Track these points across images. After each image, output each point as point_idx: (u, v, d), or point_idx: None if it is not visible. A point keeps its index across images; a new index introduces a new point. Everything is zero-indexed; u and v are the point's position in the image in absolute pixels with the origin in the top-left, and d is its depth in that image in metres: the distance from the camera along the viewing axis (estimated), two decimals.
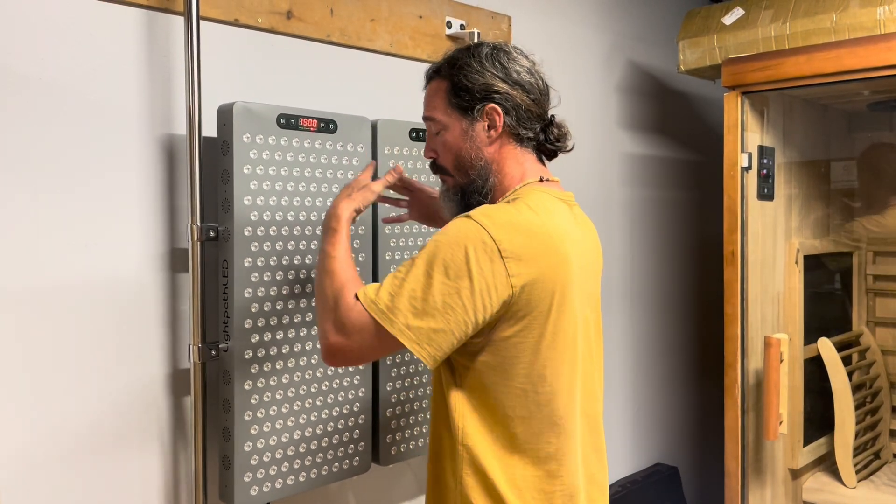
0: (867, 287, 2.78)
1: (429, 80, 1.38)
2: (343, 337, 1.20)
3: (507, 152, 1.32)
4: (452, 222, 1.21)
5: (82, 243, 1.49)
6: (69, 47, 1.47)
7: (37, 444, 1.44)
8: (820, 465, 2.59)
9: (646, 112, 2.91)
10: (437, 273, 1.15)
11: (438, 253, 1.16)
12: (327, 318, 1.23)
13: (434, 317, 1.15)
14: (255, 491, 1.58)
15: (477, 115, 1.30)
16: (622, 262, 2.81)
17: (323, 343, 1.23)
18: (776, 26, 2.19)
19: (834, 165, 2.77)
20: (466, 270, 1.15)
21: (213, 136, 1.59)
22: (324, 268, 1.28)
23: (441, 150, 1.35)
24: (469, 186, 1.32)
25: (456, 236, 1.17)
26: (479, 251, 1.15)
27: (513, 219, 1.20)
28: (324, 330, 1.23)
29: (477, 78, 1.29)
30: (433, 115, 1.35)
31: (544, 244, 1.21)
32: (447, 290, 1.15)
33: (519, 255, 1.17)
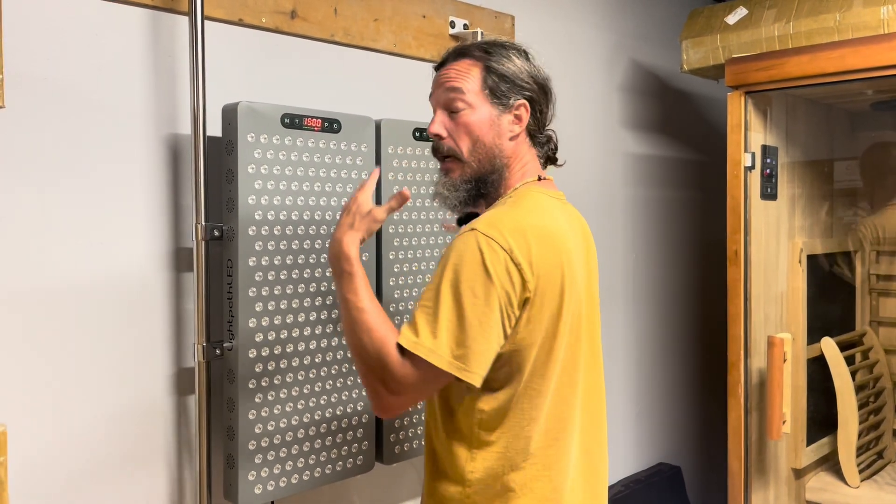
0: (870, 287, 2.78)
1: (455, 58, 1.31)
2: (399, 395, 1.17)
3: (521, 150, 1.32)
4: (461, 239, 1.19)
5: (87, 243, 1.50)
6: (74, 47, 1.47)
7: (40, 443, 1.45)
8: (823, 465, 2.58)
9: (648, 112, 2.91)
10: (465, 296, 1.15)
11: (460, 275, 1.16)
12: (375, 378, 1.19)
13: (476, 339, 1.15)
14: (260, 489, 1.58)
15: (508, 106, 1.28)
16: (625, 261, 2.81)
17: (376, 403, 1.20)
18: (780, 26, 2.19)
19: (837, 165, 2.77)
20: (491, 285, 1.15)
21: (217, 136, 1.60)
22: (355, 321, 1.21)
23: (458, 131, 1.28)
24: (486, 178, 1.29)
25: (472, 254, 1.16)
26: (496, 263, 1.16)
27: (518, 224, 1.20)
28: (375, 391, 1.19)
29: (515, 71, 1.29)
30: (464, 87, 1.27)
31: (550, 246, 1.22)
32: (479, 309, 1.15)
33: (530, 260, 1.18)
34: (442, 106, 1.30)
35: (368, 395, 1.21)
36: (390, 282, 1.81)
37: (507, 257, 1.16)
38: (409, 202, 1.38)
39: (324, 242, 1.67)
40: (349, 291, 1.22)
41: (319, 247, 1.67)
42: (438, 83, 1.32)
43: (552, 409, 1.25)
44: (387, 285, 1.80)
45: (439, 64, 1.35)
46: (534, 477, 1.24)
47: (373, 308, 1.21)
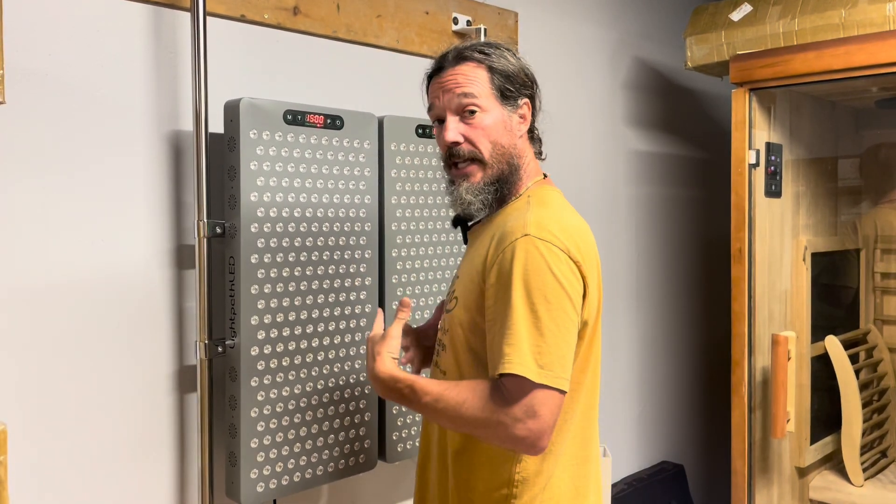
0: (874, 285, 2.77)
1: (456, 61, 1.30)
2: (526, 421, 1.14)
3: (527, 147, 1.34)
4: (520, 247, 1.18)
5: (89, 240, 1.49)
6: (75, 43, 1.47)
7: (43, 440, 1.44)
8: (826, 464, 2.58)
9: (652, 109, 2.90)
10: (539, 305, 1.15)
11: (529, 285, 1.16)
12: (503, 428, 1.15)
13: (558, 345, 1.15)
14: (262, 487, 1.57)
15: (516, 105, 1.30)
16: (628, 259, 2.80)
17: (523, 446, 1.16)
18: (784, 22, 2.17)
19: (841, 162, 2.75)
20: (560, 287, 1.17)
21: (219, 133, 1.59)
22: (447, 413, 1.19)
23: (476, 135, 1.27)
24: (506, 178, 1.30)
25: (535, 260, 1.17)
26: (560, 264, 1.17)
27: (562, 223, 1.22)
28: (514, 437, 1.15)
29: (518, 70, 1.31)
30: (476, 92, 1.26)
31: (587, 242, 1.26)
32: (555, 313, 1.16)
33: (581, 257, 1.21)
34: (454, 111, 1.28)
35: (515, 445, 1.17)
36: (393, 279, 1.80)
37: (566, 257, 1.18)
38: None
39: (326, 240, 1.67)
40: (421, 398, 1.21)
41: (322, 244, 1.66)
42: (445, 89, 1.29)
43: (583, 401, 1.28)
44: (389, 283, 1.79)
45: (436, 69, 1.33)
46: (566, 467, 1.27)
47: (446, 389, 1.20)
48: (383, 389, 1.26)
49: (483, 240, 1.29)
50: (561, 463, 1.26)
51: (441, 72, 1.31)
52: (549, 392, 1.14)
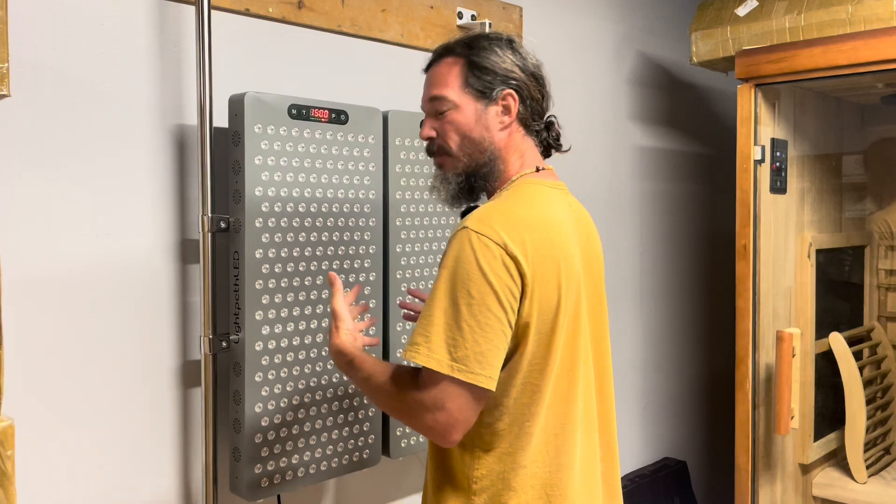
0: (879, 282, 2.76)
1: (439, 57, 1.32)
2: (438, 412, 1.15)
3: (514, 140, 1.31)
4: (455, 239, 1.18)
5: (92, 234, 1.49)
6: (80, 36, 1.46)
7: (48, 435, 1.44)
8: (830, 461, 2.57)
9: (657, 104, 2.89)
10: (461, 298, 1.14)
11: (455, 277, 1.15)
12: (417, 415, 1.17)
13: (476, 341, 1.13)
14: (266, 483, 1.57)
15: (493, 98, 1.28)
16: (632, 255, 2.80)
17: (434, 434, 1.17)
18: (791, 18, 2.16)
19: (846, 159, 2.75)
20: (486, 282, 1.14)
21: (224, 127, 1.58)
22: (372, 388, 1.25)
23: (445, 130, 1.29)
24: (477, 171, 1.30)
25: (466, 254, 1.15)
26: (489, 258, 1.15)
27: (511, 217, 1.19)
28: (425, 425, 1.16)
29: (497, 62, 1.28)
30: (444, 93, 1.28)
31: (545, 237, 1.20)
32: (476, 310, 1.14)
33: (526, 252, 1.17)
34: (428, 110, 1.32)
35: (426, 434, 1.19)
36: (397, 274, 1.80)
37: (501, 252, 1.15)
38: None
39: (330, 234, 1.66)
40: (357, 373, 1.27)
41: (326, 239, 1.66)
42: (425, 87, 1.33)
43: (552, 405, 1.23)
44: (394, 278, 1.79)
45: (427, 65, 1.35)
46: (535, 474, 1.22)
47: (377, 368, 1.25)
48: (335, 359, 1.31)
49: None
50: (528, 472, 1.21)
51: (429, 68, 1.34)
52: (461, 385, 1.13)
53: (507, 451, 1.21)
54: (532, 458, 1.21)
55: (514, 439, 1.21)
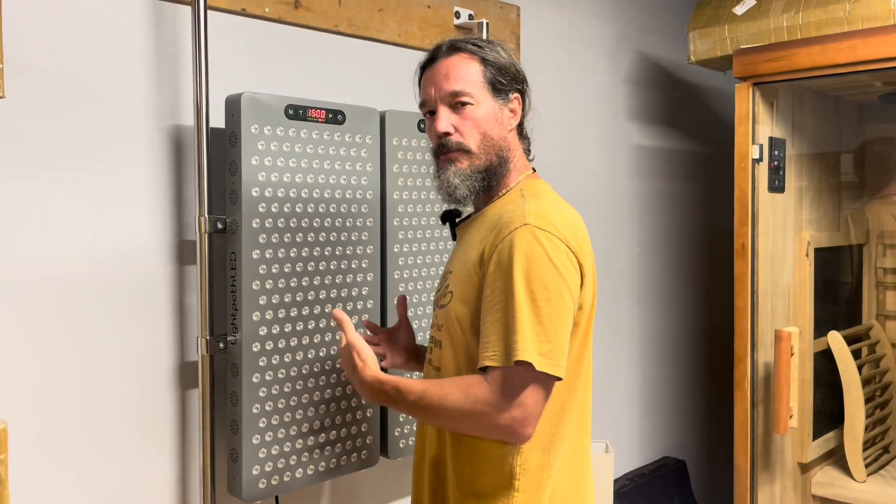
0: (877, 280, 2.76)
1: (448, 53, 1.31)
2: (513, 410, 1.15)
3: (517, 141, 1.36)
4: (519, 237, 1.18)
5: (89, 235, 1.48)
6: (76, 37, 1.46)
7: (43, 437, 1.43)
8: (829, 459, 2.57)
9: (654, 104, 2.89)
10: (539, 293, 1.16)
11: (530, 275, 1.17)
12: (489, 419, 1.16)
13: (558, 332, 1.16)
14: (264, 484, 1.57)
15: (508, 99, 1.31)
16: (630, 255, 2.80)
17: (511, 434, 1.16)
18: (788, 16, 2.16)
19: (844, 157, 2.74)
20: (558, 274, 1.18)
21: (220, 127, 1.58)
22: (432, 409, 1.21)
23: (466, 126, 1.28)
24: (495, 170, 1.31)
25: (536, 249, 1.18)
26: (558, 253, 1.19)
27: (560, 215, 1.24)
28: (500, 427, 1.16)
29: (510, 65, 1.32)
30: (467, 88, 1.28)
31: (584, 235, 1.28)
32: (554, 303, 1.17)
33: (579, 247, 1.24)
34: (446, 103, 1.30)
35: (498, 434, 1.18)
36: (395, 275, 1.79)
37: (565, 247, 1.20)
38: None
39: (328, 235, 1.66)
40: (406, 397, 1.23)
41: (324, 239, 1.65)
42: (436, 80, 1.30)
43: (581, 393, 1.29)
44: (391, 278, 1.78)
45: (429, 60, 1.34)
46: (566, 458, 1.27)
47: (428, 385, 1.22)
48: (371, 393, 1.28)
49: (476, 233, 1.30)
50: (562, 455, 1.27)
51: (434, 63, 1.32)
52: (543, 380, 1.16)
53: (549, 440, 1.25)
54: (569, 444, 1.27)
55: (554, 427, 1.25)
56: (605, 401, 2.72)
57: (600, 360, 2.68)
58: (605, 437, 2.67)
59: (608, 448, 2.22)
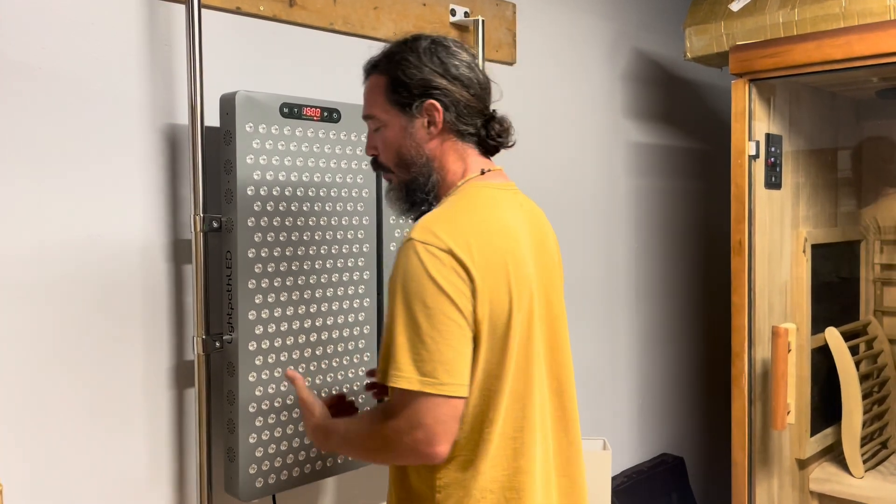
0: (874, 276, 2.76)
1: (367, 75, 1.34)
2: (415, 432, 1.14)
3: (448, 148, 1.29)
4: (401, 253, 1.18)
5: (84, 235, 1.48)
6: (69, 36, 1.45)
7: (37, 437, 1.43)
8: (827, 455, 2.57)
9: (651, 100, 2.89)
10: (418, 311, 1.13)
11: (408, 292, 1.14)
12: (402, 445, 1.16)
13: (440, 350, 1.13)
14: (261, 483, 1.57)
15: (416, 111, 1.27)
16: (627, 252, 2.79)
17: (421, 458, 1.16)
18: (784, 12, 2.16)
19: (841, 154, 2.74)
20: (439, 289, 1.14)
21: (215, 126, 1.58)
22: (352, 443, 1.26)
23: (382, 146, 1.31)
24: (412, 183, 1.30)
25: (412, 265, 1.15)
26: (439, 266, 1.14)
27: (453, 222, 1.19)
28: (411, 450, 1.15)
29: (415, 73, 1.26)
30: (372, 112, 1.31)
31: (489, 239, 1.20)
32: (435, 318, 1.13)
33: (471, 255, 1.16)
34: (368, 128, 1.36)
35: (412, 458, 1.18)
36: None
37: (448, 258, 1.15)
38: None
39: (324, 234, 1.66)
40: (333, 437, 1.28)
41: (319, 238, 1.65)
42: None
43: (509, 409, 1.22)
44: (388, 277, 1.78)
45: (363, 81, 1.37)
46: (494, 478, 1.21)
47: (349, 421, 1.28)
48: (318, 440, 1.32)
49: None
50: (489, 476, 1.20)
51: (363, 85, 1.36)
52: (433, 399, 1.12)
53: (468, 458, 1.20)
54: (492, 464, 1.20)
55: (473, 446, 1.20)
56: (602, 398, 2.72)
57: (599, 358, 2.68)
58: (603, 434, 2.67)
59: (606, 445, 2.22)
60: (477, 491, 1.20)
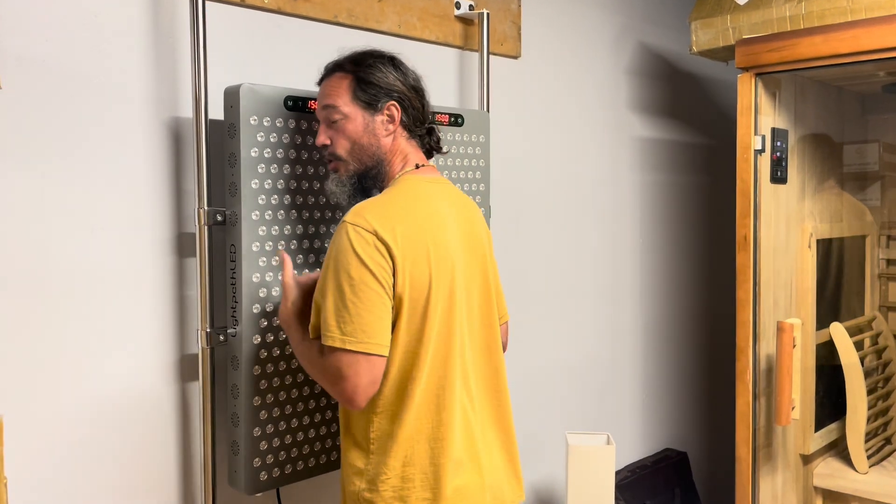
0: (880, 271, 2.75)
1: (329, 73, 1.49)
2: (340, 383, 1.34)
3: (398, 145, 1.49)
4: (336, 232, 1.37)
5: (88, 228, 1.48)
6: (73, 28, 1.45)
7: (43, 431, 1.43)
8: (831, 451, 2.57)
9: (656, 95, 2.87)
10: (343, 281, 1.33)
11: (338, 265, 1.34)
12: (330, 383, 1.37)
13: (360, 314, 1.32)
14: (265, 476, 1.57)
15: (379, 109, 1.46)
16: (632, 246, 2.79)
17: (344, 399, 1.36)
18: (791, 6, 2.15)
19: (847, 148, 2.73)
20: (362, 264, 1.33)
21: (219, 119, 1.57)
22: (302, 360, 1.45)
23: (337, 138, 1.47)
24: (367, 173, 1.48)
25: (343, 244, 1.34)
26: (363, 244, 1.34)
27: (383, 207, 1.39)
28: (335, 391, 1.37)
29: (381, 77, 1.46)
30: (336, 103, 1.45)
31: (414, 223, 1.39)
32: (357, 288, 1.33)
33: (394, 237, 1.35)
34: (323, 118, 1.49)
35: (339, 400, 1.38)
36: None
37: (373, 238, 1.34)
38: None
39: (328, 227, 1.66)
40: (291, 340, 1.47)
41: (323, 232, 1.65)
42: (319, 98, 1.50)
43: (432, 369, 1.40)
44: None
45: (321, 79, 1.52)
46: (419, 429, 1.39)
47: (303, 340, 1.43)
48: (284, 325, 1.48)
49: None
50: (414, 426, 1.39)
51: (321, 82, 1.51)
52: (353, 356, 1.32)
53: (395, 412, 1.39)
54: (416, 415, 1.39)
55: (399, 401, 1.39)
56: (606, 392, 2.72)
57: (603, 352, 2.68)
58: (607, 428, 2.67)
59: (609, 440, 2.22)
60: (404, 440, 1.39)
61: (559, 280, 2.51)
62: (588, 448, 2.16)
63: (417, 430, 1.40)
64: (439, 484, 1.40)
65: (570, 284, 2.55)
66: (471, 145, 1.92)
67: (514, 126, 2.31)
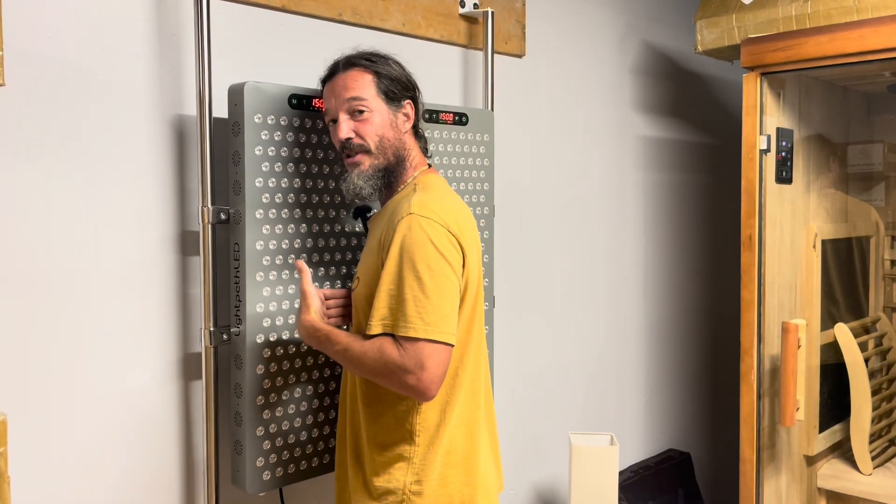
0: (884, 272, 2.74)
1: (344, 68, 1.47)
2: (418, 373, 1.32)
3: (412, 142, 1.52)
4: (404, 224, 1.35)
5: (91, 226, 1.47)
6: (78, 26, 1.44)
7: (46, 430, 1.43)
8: (835, 452, 2.56)
9: (661, 94, 2.87)
10: (423, 272, 1.33)
11: (414, 256, 1.33)
12: (396, 378, 1.33)
13: (441, 305, 1.33)
14: (268, 476, 1.56)
15: (400, 105, 1.47)
16: (636, 246, 2.78)
17: (413, 392, 1.34)
18: (797, 5, 2.14)
19: (852, 148, 2.72)
20: (440, 256, 1.34)
21: (223, 117, 1.57)
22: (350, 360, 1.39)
23: (365, 131, 1.45)
24: (392, 168, 1.47)
25: (419, 235, 1.34)
26: (440, 237, 1.35)
27: (442, 204, 1.41)
28: (405, 385, 1.33)
29: (398, 75, 1.48)
30: (363, 95, 1.44)
31: (466, 220, 1.44)
32: (438, 278, 1.34)
33: (460, 231, 1.39)
34: (346, 111, 1.45)
35: (406, 392, 1.35)
36: None
37: (445, 231, 1.36)
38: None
39: (331, 226, 1.65)
40: (333, 346, 1.41)
41: (328, 230, 1.64)
42: (336, 92, 1.46)
43: (471, 357, 1.46)
44: None
45: (328, 75, 1.50)
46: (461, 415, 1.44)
47: (352, 340, 1.39)
48: (306, 335, 1.44)
49: (379, 225, 1.45)
50: (457, 413, 1.44)
51: (333, 77, 1.48)
52: (435, 346, 1.32)
53: (445, 400, 1.43)
54: (463, 401, 1.45)
55: (450, 388, 1.43)
56: (610, 393, 2.71)
57: (607, 353, 2.67)
58: (610, 429, 2.66)
59: (613, 440, 2.21)
60: (450, 428, 1.43)
61: (562, 279, 2.50)
62: (591, 448, 2.16)
63: (459, 416, 1.44)
64: (475, 468, 1.45)
65: (573, 284, 2.55)
66: (475, 144, 1.92)
67: (518, 125, 2.30)
